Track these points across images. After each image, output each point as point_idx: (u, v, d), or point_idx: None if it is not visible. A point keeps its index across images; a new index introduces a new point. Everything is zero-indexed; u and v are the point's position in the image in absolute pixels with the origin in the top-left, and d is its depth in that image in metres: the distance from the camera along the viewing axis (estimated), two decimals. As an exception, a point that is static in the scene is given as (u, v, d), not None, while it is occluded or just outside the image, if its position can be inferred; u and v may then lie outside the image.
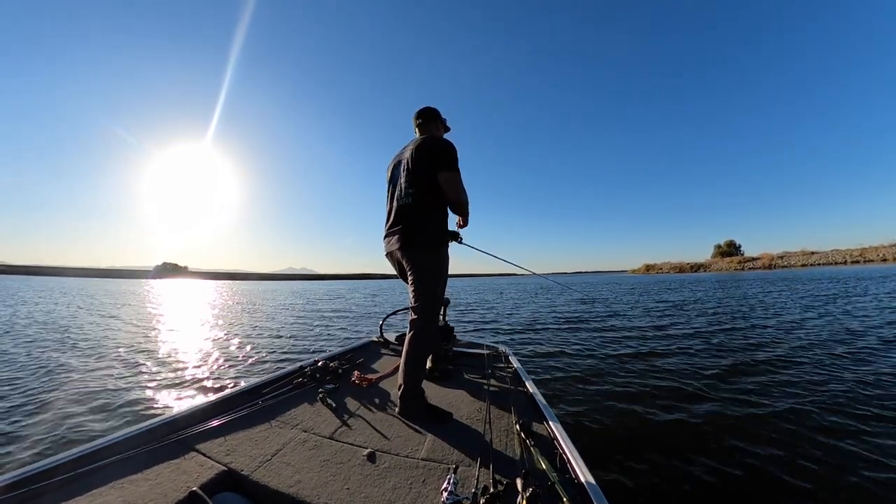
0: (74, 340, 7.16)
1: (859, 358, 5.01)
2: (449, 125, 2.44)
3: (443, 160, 2.02)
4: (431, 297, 2.00)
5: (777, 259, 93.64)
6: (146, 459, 1.42)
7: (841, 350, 5.46)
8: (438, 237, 2.05)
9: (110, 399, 3.82)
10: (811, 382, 4.05)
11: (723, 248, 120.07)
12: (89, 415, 3.42)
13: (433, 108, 2.32)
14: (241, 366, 5.42)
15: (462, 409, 2.03)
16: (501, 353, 3.05)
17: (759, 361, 5.01)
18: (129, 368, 5.13)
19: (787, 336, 6.68)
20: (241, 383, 2.29)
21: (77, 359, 5.67)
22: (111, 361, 5.54)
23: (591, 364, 5.13)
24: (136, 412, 3.51)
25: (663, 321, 9.05)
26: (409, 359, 1.95)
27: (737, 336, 6.89)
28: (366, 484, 1.36)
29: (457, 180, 2.04)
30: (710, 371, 4.60)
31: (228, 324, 10.09)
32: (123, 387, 4.28)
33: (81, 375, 4.73)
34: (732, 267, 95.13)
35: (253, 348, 6.67)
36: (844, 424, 3.03)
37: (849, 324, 7.61)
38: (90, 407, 3.60)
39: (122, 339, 7.46)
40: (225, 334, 8.26)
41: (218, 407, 1.89)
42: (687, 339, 6.79)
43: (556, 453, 1.50)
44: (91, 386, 4.27)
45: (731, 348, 5.89)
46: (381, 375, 2.54)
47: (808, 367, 4.66)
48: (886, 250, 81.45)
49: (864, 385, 3.90)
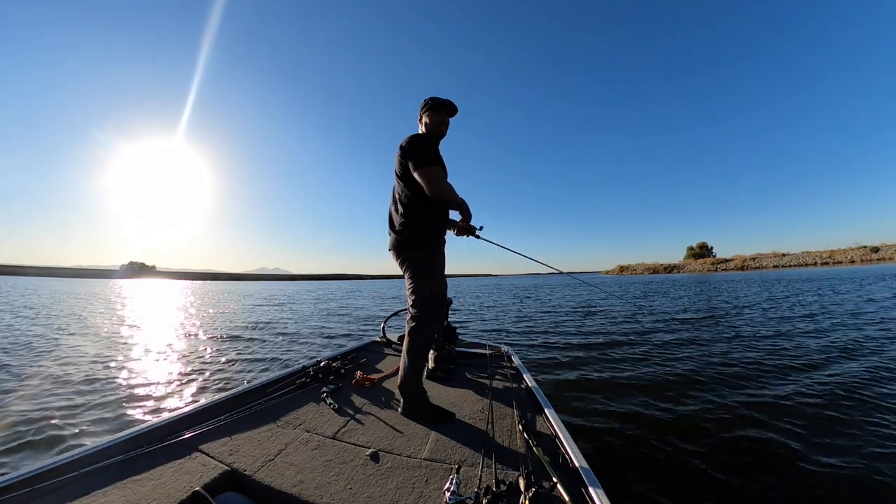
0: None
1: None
2: (442, 100, 2.01)
3: (411, 158, 1.84)
4: (426, 296, 1.93)
5: (749, 260, 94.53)
6: (149, 459, 1.38)
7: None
8: (429, 236, 1.96)
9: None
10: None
11: (695, 249, 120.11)
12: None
13: (423, 101, 2.06)
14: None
15: (464, 409, 1.98)
16: (503, 352, 2.99)
17: (773, 364, 4.72)
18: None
19: (807, 339, 6.10)
20: (244, 383, 2.21)
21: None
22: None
23: (594, 364, 4.96)
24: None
25: (667, 321, 8.76)
26: (408, 358, 1.90)
27: (743, 336, 6.53)
28: (368, 484, 1.31)
29: (429, 176, 1.80)
30: (713, 372, 4.44)
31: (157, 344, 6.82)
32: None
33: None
34: (706, 268, 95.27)
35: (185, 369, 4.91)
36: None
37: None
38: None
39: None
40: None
41: (220, 407, 1.84)
42: (694, 339, 6.50)
43: (559, 453, 1.46)
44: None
45: (740, 348, 5.61)
46: (383, 375, 2.48)
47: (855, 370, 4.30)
48: (854, 252, 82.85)
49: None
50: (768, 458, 2.46)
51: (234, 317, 11.31)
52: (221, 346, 6.65)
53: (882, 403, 3.26)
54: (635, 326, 8.14)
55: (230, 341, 7.11)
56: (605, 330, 7.79)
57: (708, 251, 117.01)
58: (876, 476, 2.22)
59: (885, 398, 3.38)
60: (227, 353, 6.02)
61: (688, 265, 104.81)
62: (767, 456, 2.49)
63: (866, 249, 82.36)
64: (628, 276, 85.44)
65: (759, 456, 2.50)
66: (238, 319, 10.59)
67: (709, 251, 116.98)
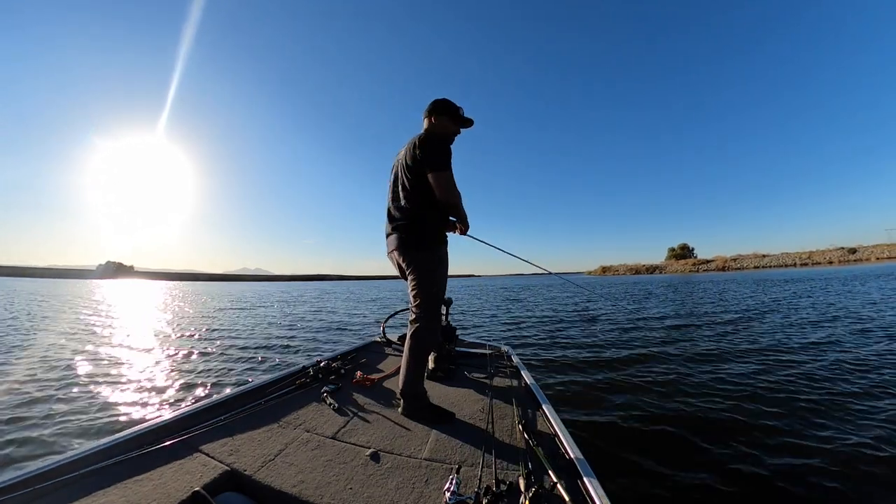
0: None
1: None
2: (464, 117, 2.05)
3: (429, 159, 1.80)
4: (430, 296, 1.90)
5: (730, 261, 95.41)
6: (149, 459, 1.35)
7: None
8: (435, 237, 1.94)
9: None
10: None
11: (676, 250, 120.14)
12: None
13: (435, 101, 2.03)
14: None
15: (464, 409, 1.95)
16: (503, 352, 2.96)
17: (775, 362, 4.70)
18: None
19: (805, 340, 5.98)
20: (244, 384, 2.18)
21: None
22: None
23: (594, 364, 4.91)
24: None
25: (665, 321, 8.70)
26: (409, 358, 1.86)
27: (741, 337, 6.46)
28: (368, 484, 1.30)
29: (443, 180, 1.81)
30: (715, 371, 4.40)
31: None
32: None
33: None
34: (687, 269, 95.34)
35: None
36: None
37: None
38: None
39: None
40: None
41: (221, 407, 1.80)
42: (692, 339, 6.47)
43: (559, 453, 1.44)
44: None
45: (737, 349, 5.53)
46: (383, 375, 2.45)
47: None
48: (832, 253, 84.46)
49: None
50: (770, 459, 2.42)
51: (182, 322, 10.17)
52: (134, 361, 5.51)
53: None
54: (634, 327, 8.10)
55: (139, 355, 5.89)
56: (604, 330, 7.75)
57: (689, 252, 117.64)
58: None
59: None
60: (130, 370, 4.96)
61: (669, 266, 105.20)
62: (770, 456, 2.45)
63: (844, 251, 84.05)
64: (611, 277, 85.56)
65: (761, 456, 2.46)
66: (186, 326, 9.50)
67: (690, 252, 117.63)
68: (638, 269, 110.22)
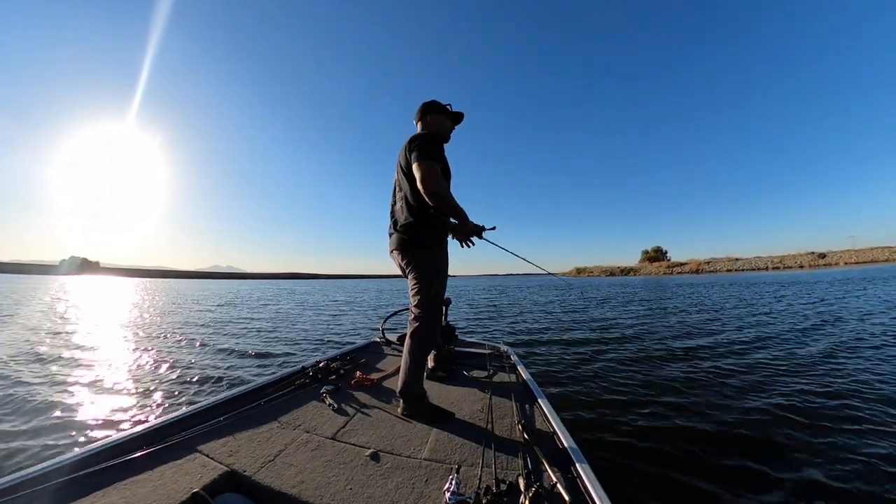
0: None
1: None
2: (453, 111, 2.04)
3: (415, 151, 1.74)
4: (430, 296, 1.85)
5: (704, 264, 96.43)
6: (148, 460, 1.31)
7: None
8: (434, 236, 1.89)
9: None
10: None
11: (650, 253, 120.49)
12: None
13: (424, 103, 2.00)
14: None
15: (464, 409, 1.91)
16: (503, 352, 2.92)
17: (770, 362, 4.58)
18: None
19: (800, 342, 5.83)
20: (244, 384, 2.11)
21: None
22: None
23: (594, 363, 4.81)
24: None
25: (661, 322, 8.54)
26: (409, 358, 1.82)
27: (743, 339, 6.24)
28: (368, 484, 1.26)
29: (423, 171, 1.70)
30: (714, 372, 4.31)
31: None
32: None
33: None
34: (661, 271, 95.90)
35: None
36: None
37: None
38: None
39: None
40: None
41: (220, 408, 1.75)
42: (685, 339, 6.36)
43: (559, 452, 1.41)
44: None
45: (735, 350, 5.37)
46: (382, 375, 2.40)
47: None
48: (803, 258, 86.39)
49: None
50: (771, 459, 2.38)
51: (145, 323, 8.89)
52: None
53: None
54: (632, 327, 8.04)
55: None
56: (602, 330, 7.67)
57: (662, 255, 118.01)
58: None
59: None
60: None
61: (644, 268, 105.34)
62: (770, 457, 2.41)
63: (814, 255, 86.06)
64: (586, 279, 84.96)
65: (761, 456, 2.42)
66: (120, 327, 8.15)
67: (663, 255, 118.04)
68: (612, 271, 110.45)
